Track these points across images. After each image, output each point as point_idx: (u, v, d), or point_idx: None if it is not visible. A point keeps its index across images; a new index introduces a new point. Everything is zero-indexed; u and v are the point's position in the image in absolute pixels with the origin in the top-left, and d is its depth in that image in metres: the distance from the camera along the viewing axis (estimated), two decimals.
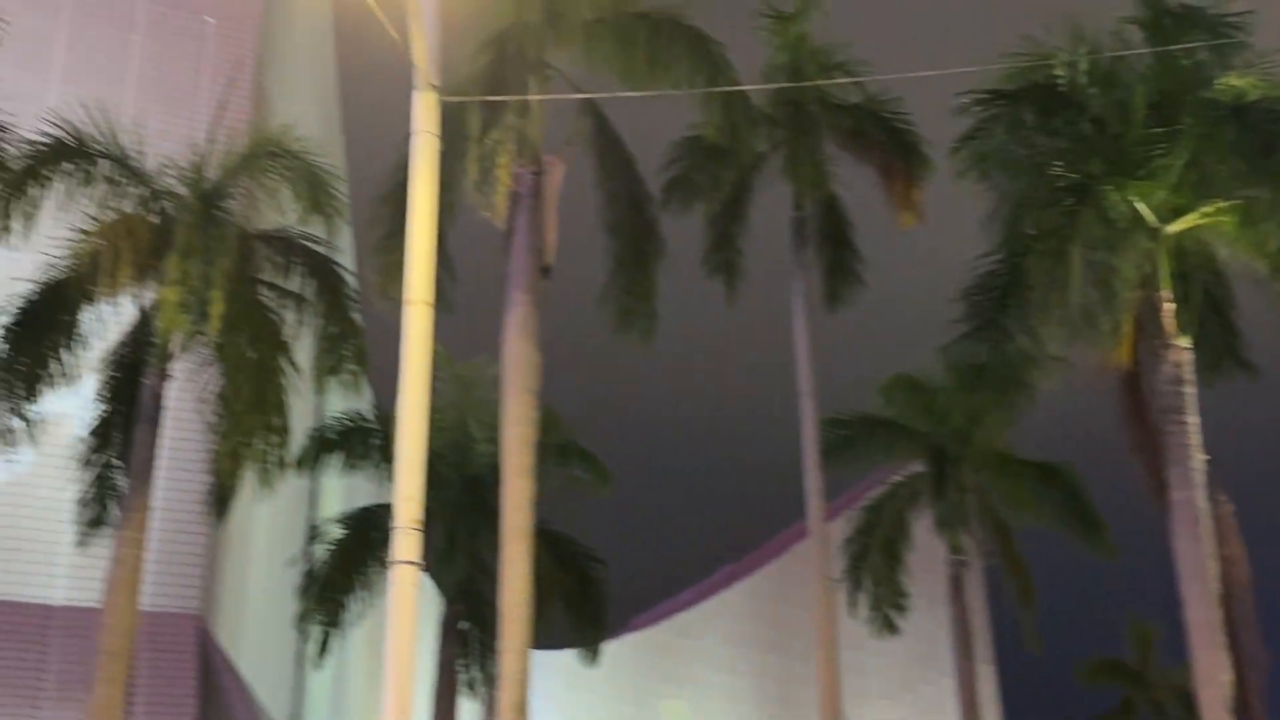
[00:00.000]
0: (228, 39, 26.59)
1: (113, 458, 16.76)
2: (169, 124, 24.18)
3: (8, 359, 15.94)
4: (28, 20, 22.73)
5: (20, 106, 17.36)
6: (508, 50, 15.73)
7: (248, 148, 17.20)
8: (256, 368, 15.85)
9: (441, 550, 19.56)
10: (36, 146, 16.32)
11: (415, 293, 12.07)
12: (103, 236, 15.60)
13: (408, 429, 11.70)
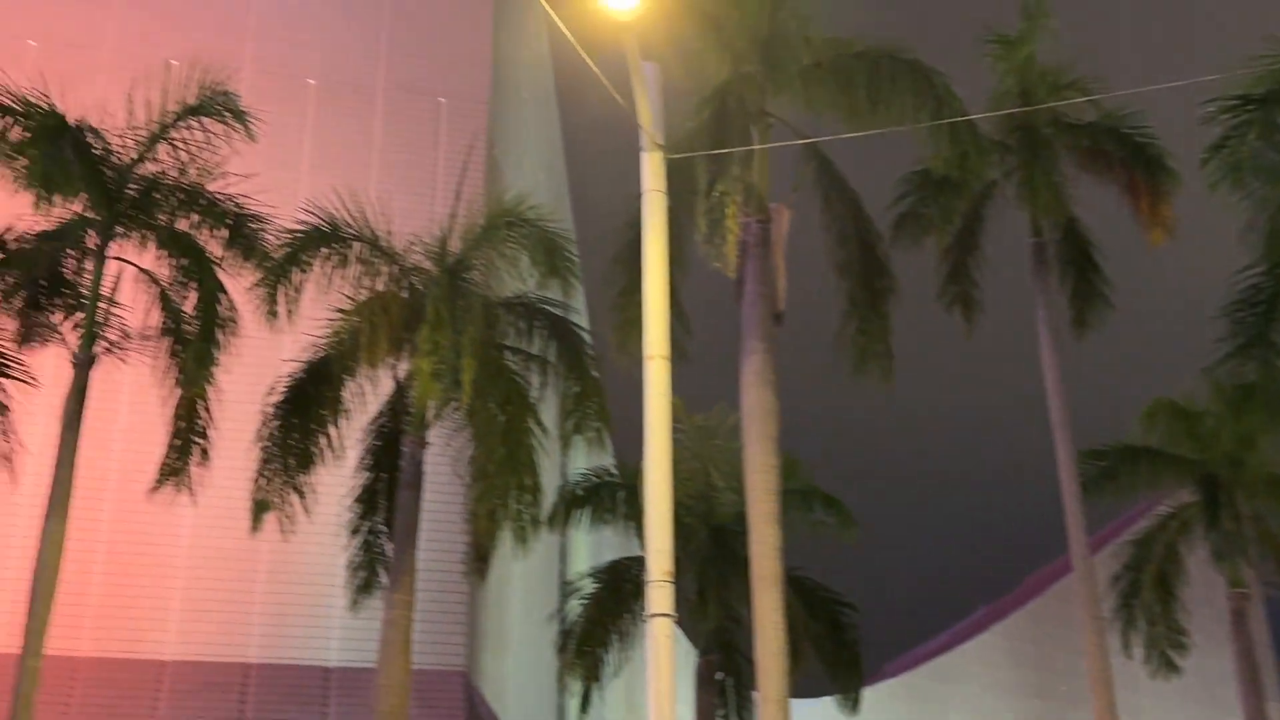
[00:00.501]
0: (459, 117, 27.95)
1: (378, 523, 17.70)
2: (411, 202, 25.56)
3: (280, 435, 17.07)
4: (277, 117, 24.49)
5: (276, 198, 18.77)
6: (728, 103, 15.99)
7: (486, 219, 18.01)
8: (506, 430, 16.45)
9: (693, 601, 19.72)
10: (294, 235, 17.52)
11: (653, 347, 12.32)
12: (359, 314, 16.53)
13: (654, 483, 11.89)
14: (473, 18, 28.97)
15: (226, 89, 17.60)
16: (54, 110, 17.06)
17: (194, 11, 27.06)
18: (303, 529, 17.44)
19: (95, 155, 17.08)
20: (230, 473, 17.54)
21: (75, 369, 16.50)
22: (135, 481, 17.29)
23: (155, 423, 17.34)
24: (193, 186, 17.50)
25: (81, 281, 17.16)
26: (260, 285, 17.07)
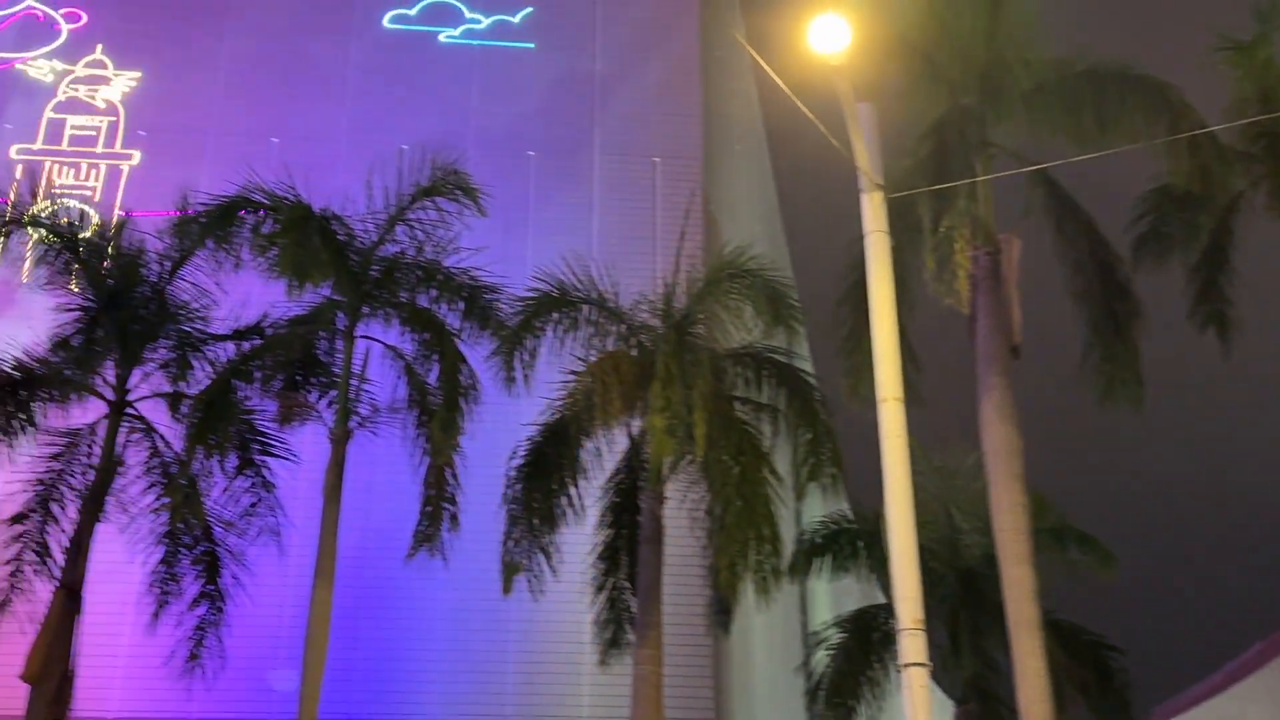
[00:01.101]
0: (674, 175, 28.44)
1: (622, 580, 17.96)
2: (633, 262, 26.07)
3: (524, 498, 17.56)
4: (502, 190, 25.51)
5: (506, 268, 19.54)
6: (948, 136, 15.71)
7: (708, 273, 18.20)
8: (741, 481, 16.44)
9: (945, 649, 19.13)
10: (526, 302, 18.12)
11: (886, 390, 12.14)
12: (592, 375, 16.89)
13: (897, 528, 11.67)
14: (681, 77, 29.51)
15: (456, 168, 18.45)
16: (300, 202, 18.25)
17: (419, 97, 28.51)
18: (550, 588, 17.83)
19: (340, 241, 18.16)
20: (479, 536, 18.13)
21: (333, 445, 17.46)
22: (393, 548, 18.05)
23: (408, 491, 18.14)
24: (430, 263, 18.38)
25: (333, 361, 18.21)
26: (497, 353, 17.70)
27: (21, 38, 28.32)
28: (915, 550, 11.56)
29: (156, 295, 18.70)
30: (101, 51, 27.63)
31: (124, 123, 27.09)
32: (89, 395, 18.26)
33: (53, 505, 18.22)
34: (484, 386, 17.96)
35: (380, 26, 29.45)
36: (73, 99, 26.96)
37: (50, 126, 27.03)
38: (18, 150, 26.44)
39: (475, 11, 29.79)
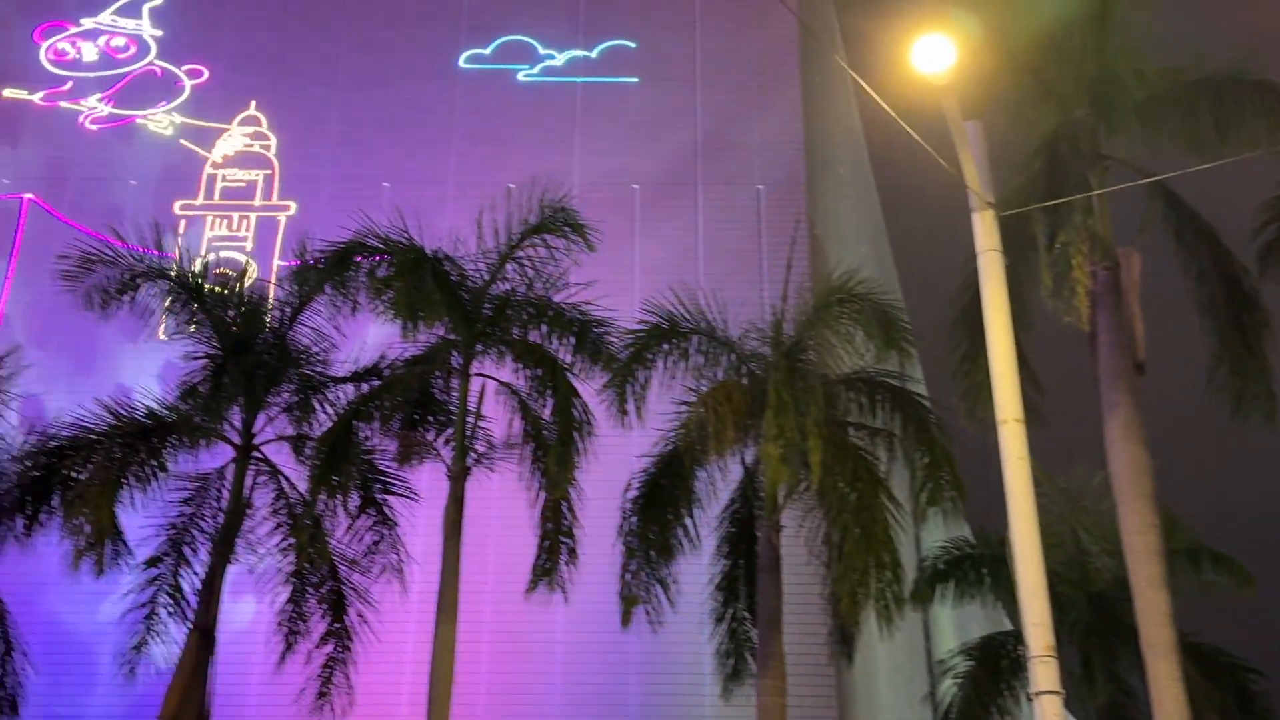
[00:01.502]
0: (778, 202, 28.40)
1: (741, 610, 17.87)
2: (740, 291, 25.98)
3: (640, 530, 17.61)
4: (608, 224, 25.76)
5: (614, 301, 19.70)
6: (1060, 151, 15.48)
7: (817, 299, 18.15)
8: (859, 507, 16.28)
9: (1078, 675, 18.65)
10: (636, 334, 18.25)
11: (1006, 411, 11.96)
12: (704, 405, 16.86)
13: (1024, 552, 11.47)
14: (783, 104, 29.52)
15: (564, 205, 18.70)
16: (413, 245, 18.65)
17: (525, 135, 28.97)
18: (669, 620, 17.83)
19: (452, 281, 18.50)
20: (596, 569, 18.22)
21: (451, 482, 17.73)
22: (512, 583, 18.25)
23: (525, 526, 18.33)
24: (540, 300, 18.62)
25: (449, 399, 18.51)
26: (609, 386, 17.82)
27: (143, 94, 29.52)
28: (1043, 575, 11.35)
29: (278, 341, 19.22)
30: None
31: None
32: (217, 440, 18.82)
33: (185, 548, 18.77)
34: (597, 419, 18.09)
35: (482, 70, 29.98)
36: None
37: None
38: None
39: (549, 48, 30.24)
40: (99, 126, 28.92)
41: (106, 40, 29.79)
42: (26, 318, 26.41)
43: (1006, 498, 11.52)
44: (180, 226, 27.22)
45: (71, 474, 18.05)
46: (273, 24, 30.11)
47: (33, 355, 21.02)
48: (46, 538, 18.47)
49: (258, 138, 28.34)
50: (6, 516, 18.45)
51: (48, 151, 28.51)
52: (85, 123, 29.00)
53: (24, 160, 28.43)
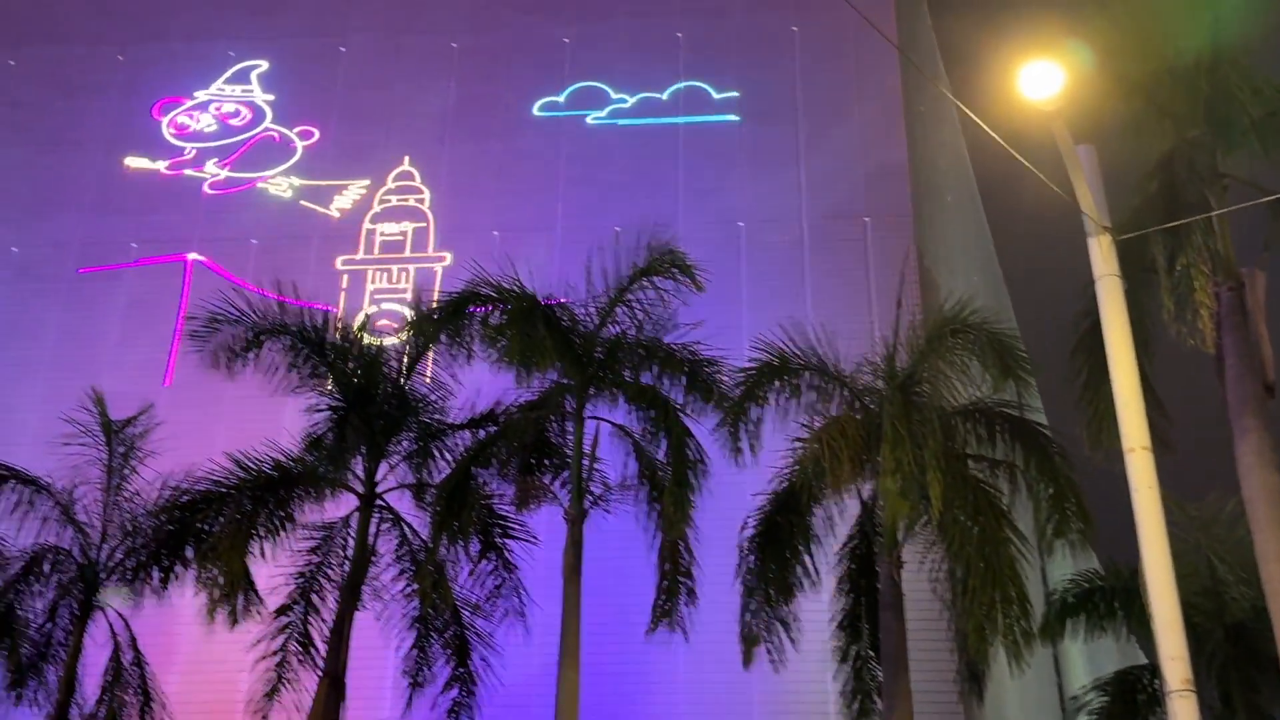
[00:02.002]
0: (885, 234, 28.19)
1: (865, 648, 17.70)
2: (850, 324, 25.87)
3: (758, 569, 17.56)
4: (714, 263, 25.87)
5: (724, 340, 19.79)
6: (1177, 172, 15.20)
7: (930, 331, 17.99)
8: (982, 541, 16.03)
9: (1218, 709, 18.06)
10: (747, 373, 18.28)
11: (1132, 439, 11.74)
12: (818, 441, 16.83)
13: (1157, 584, 11.22)
14: (885, 135, 29.37)
15: (671, 247, 18.88)
16: (524, 292, 18.99)
17: (630, 181, 29.27)
18: (791, 659, 17.72)
19: (563, 327, 18.77)
20: (717, 609, 18.21)
21: (569, 525, 17.92)
22: (632, 624, 18.31)
23: (643, 567, 18.40)
24: (651, 341, 18.78)
25: (565, 443, 18.73)
26: (722, 425, 17.88)
27: (261, 157, 30.62)
28: (1178, 607, 11.08)
29: (397, 391, 19.69)
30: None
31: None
32: (342, 490, 19.30)
33: (313, 596, 19.25)
34: (711, 458, 18.14)
35: (585, 120, 30.44)
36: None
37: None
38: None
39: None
40: (218, 191, 30.04)
41: (219, 109, 31.00)
42: (155, 375, 27.40)
43: (1136, 528, 11.28)
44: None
45: (204, 527, 18.67)
46: (379, 83, 31.00)
47: (164, 412, 21.76)
48: (182, 590, 19.12)
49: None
50: (144, 570, 19.15)
51: (174, 217, 29.69)
52: (206, 188, 30.13)
53: (152, 226, 29.63)
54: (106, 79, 31.62)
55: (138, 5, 32.55)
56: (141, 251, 29.30)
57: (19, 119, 31.36)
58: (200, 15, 32.23)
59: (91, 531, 19.87)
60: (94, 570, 19.62)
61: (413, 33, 31.71)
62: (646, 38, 30.97)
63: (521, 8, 31.64)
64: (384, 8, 32.14)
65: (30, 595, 19.53)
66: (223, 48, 31.73)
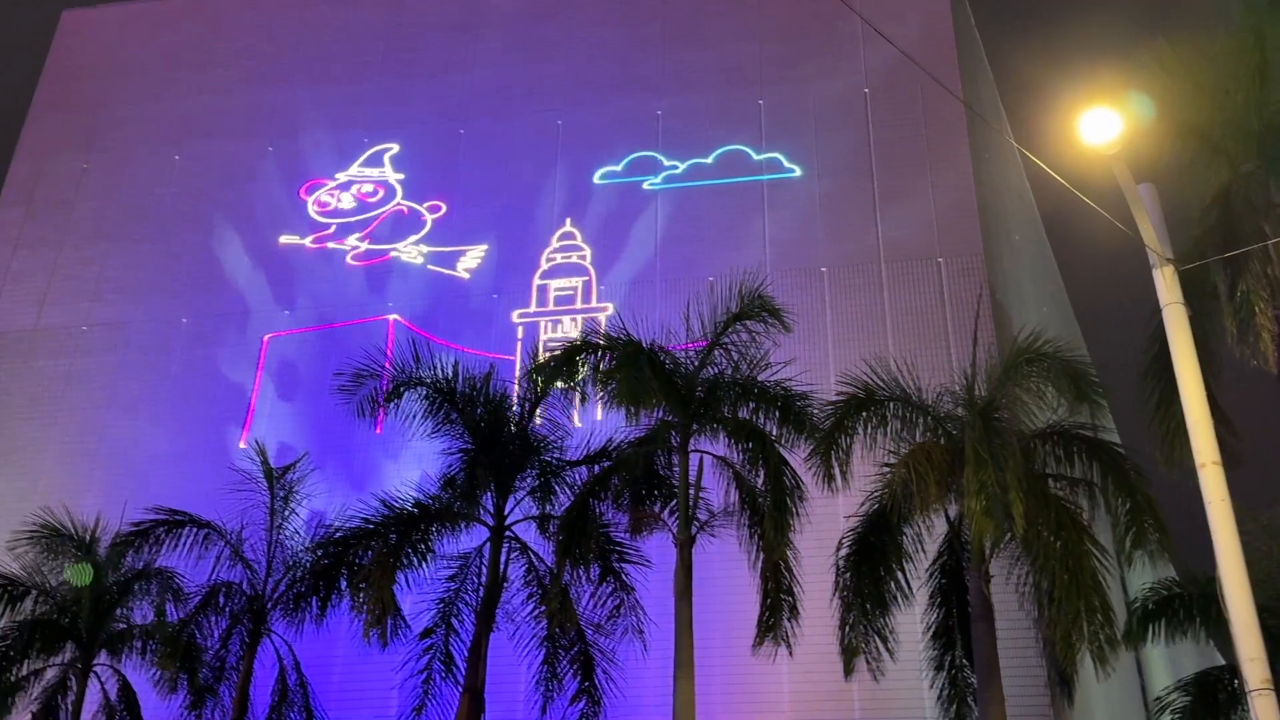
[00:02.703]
0: (958, 272, 27.83)
1: (958, 657, 17.33)
2: (929, 358, 25.60)
3: (854, 585, 17.33)
4: (800, 306, 25.85)
5: (812, 376, 19.75)
6: (1233, 204, 14.82)
7: (1006, 360, 17.71)
8: (1064, 555, 15.67)
9: None
10: (836, 405, 18.15)
11: (1203, 455, 11.50)
12: (905, 466, 16.62)
13: (1233, 590, 10.95)
14: (955, 181, 29.05)
15: (761, 293, 18.91)
16: (630, 340, 19.15)
17: (719, 235, 29.38)
18: (889, 669, 17.42)
19: (667, 370, 18.88)
20: (818, 623, 18.01)
21: (678, 549, 17.92)
22: (739, 639, 18.21)
23: (747, 586, 18.31)
24: (747, 380, 18.78)
25: (672, 475, 18.78)
26: (814, 454, 17.76)
27: (394, 230, 31.43)
28: (1253, 611, 10.82)
29: (520, 432, 19.96)
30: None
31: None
32: (474, 523, 19.58)
33: (453, 620, 19.53)
34: (806, 485, 18.02)
35: (674, 180, 30.66)
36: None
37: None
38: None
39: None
40: (360, 262, 30.87)
41: (358, 188, 31.90)
42: (309, 425, 28.12)
43: (1211, 538, 10.97)
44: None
45: (355, 560, 19.08)
46: (497, 160, 31.64)
47: (318, 458, 22.33)
48: (338, 616, 19.52)
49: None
50: (304, 600, 19.62)
51: (321, 286, 30.58)
52: (349, 259, 30.98)
53: (302, 294, 30.56)
54: (257, 167, 32.79)
55: (283, 102, 33.75)
56: (293, 321, 30.16)
57: (184, 207, 32.64)
58: (338, 108, 33.29)
59: (258, 567, 20.44)
60: (261, 601, 20.15)
61: (522, 115, 32.33)
62: (731, 107, 31.15)
63: (615, 86, 32.08)
64: (497, 92, 32.83)
65: (207, 625, 20.08)
66: (358, 135, 32.70)
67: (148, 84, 35.04)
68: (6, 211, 33.54)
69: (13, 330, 31.45)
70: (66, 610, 20.46)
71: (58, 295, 31.75)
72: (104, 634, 20.40)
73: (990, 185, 31.37)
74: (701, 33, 32.35)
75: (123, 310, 31.22)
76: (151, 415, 29.35)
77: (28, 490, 28.05)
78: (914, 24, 30.27)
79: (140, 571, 20.40)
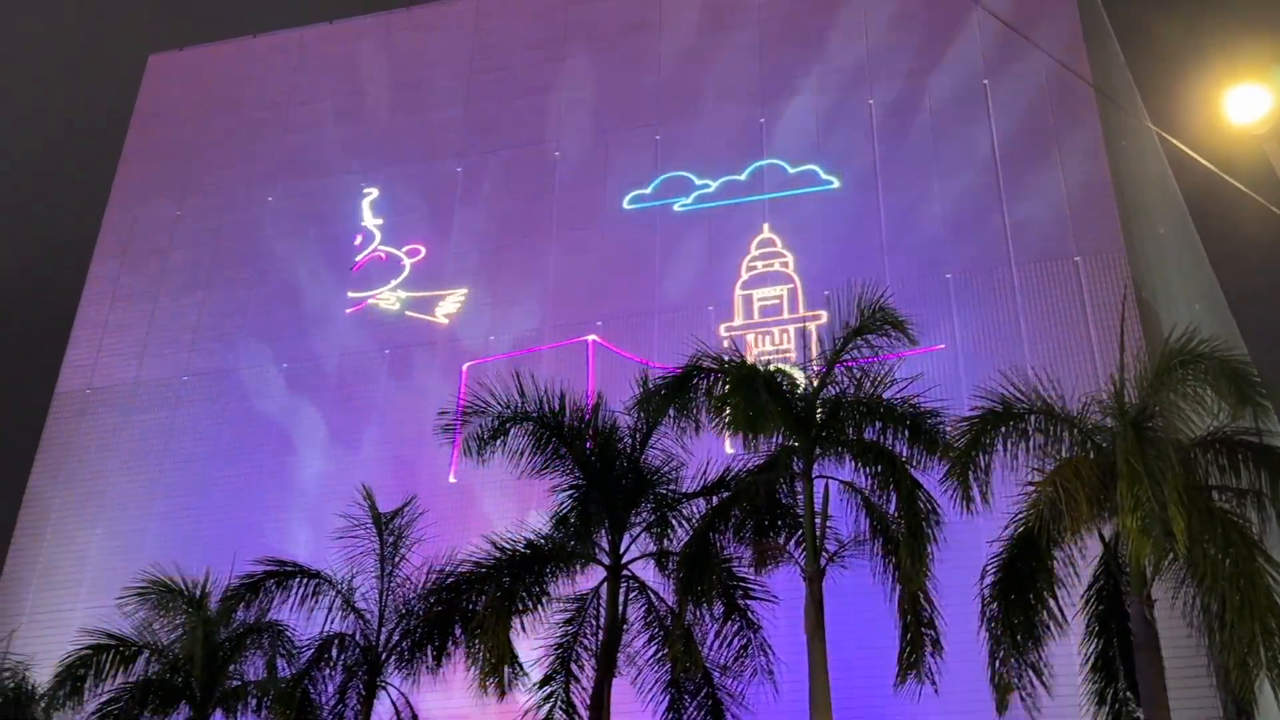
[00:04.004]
0: (1098, 270, 27.20)
1: (1121, 689, 16.84)
2: (1071, 365, 25.11)
3: (1002, 615, 16.97)
4: (926, 317, 25.51)
5: (942, 391, 19.50)
6: None
7: (1158, 363, 17.22)
8: (1234, 573, 15.13)
9: None
10: (970, 421, 17.85)
11: None
12: (1051, 484, 16.27)
13: None
14: (1089, 173, 28.43)
15: (883, 305, 18.76)
16: (744, 361, 19.19)
17: (836, 246, 29.25)
18: (1045, 704, 17.01)
19: (784, 391, 18.84)
20: (964, 656, 17.70)
21: (807, 584, 17.80)
22: (879, 677, 17.95)
23: (884, 618, 18.08)
24: (871, 399, 18.61)
25: (795, 503, 18.68)
26: (950, 475, 17.49)
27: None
28: None
29: (632, 465, 20.08)
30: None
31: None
32: (590, 563, 19.74)
33: (572, 665, 19.67)
34: (943, 508, 17.74)
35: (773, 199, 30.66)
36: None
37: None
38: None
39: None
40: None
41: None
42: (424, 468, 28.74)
43: None
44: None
45: (469, 606, 19.40)
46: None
47: (426, 501, 22.77)
48: (454, 665, 19.84)
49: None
50: (419, 649, 20.00)
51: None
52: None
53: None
54: (351, 203, 33.83)
55: (374, 134, 34.77)
56: (390, 361, 30.96)
57: (279, 248, 33.84)
58: (428, 137, 34.21)
59: (370, 616, 20.90)
60: (375, 652, 20.60)
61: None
62: (840, 110, 31.11)
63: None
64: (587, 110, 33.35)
65: (321, 679, 20.59)
66: (450, 164, 33.52)
67: (236, 125, 36.48)
68: (102, 264, 35.17)
69: (114, 385, 32.88)
70: (179, 669, 21.20)
71: (156, 346, 33.13)
72: (218, 692, 21.07)
73: (1128, 175, 30.63)
74: (805, 34, 32.39)
75: (223, 358, 32.42)
76: (255, 464, 30.34)
77: (134, 547, 29.27)
78: (1033, 5, 29.84)
79: (252, 626, 21.04)
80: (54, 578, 30.27)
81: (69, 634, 24.14)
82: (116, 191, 36.56)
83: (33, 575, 30.57)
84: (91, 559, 30.20)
